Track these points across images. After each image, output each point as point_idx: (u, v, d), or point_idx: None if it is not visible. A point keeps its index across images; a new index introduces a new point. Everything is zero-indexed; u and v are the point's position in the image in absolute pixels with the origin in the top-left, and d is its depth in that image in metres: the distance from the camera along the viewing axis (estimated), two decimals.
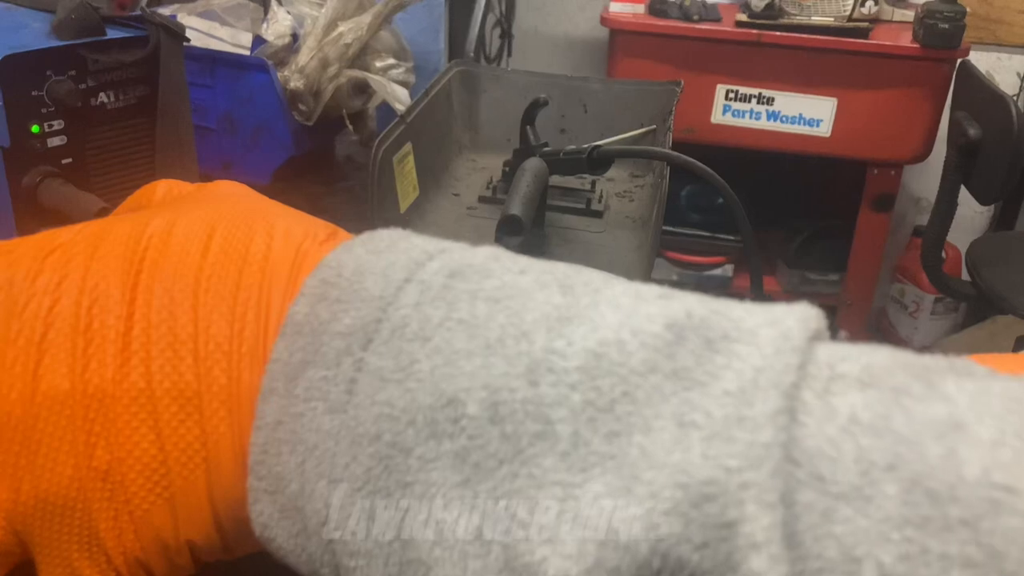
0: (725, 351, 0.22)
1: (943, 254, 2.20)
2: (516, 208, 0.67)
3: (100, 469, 0.25)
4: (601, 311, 0.23)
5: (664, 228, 2.27)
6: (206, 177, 0.80)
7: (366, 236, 0.28)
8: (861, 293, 2.27)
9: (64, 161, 0.64)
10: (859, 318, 2.31)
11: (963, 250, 2.04)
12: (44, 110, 0.62)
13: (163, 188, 0.33)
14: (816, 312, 0.23)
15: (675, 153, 0.73)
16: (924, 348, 2.53)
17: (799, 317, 0.22)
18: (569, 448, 0.21)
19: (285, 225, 0.29)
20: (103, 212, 0.60)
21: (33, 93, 0.61)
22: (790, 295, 2.33)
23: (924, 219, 2.12)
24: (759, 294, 0.73)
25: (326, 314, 0.25)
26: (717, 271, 2.33)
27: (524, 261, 0.26)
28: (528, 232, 0.68)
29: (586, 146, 0.78)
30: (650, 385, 0.21)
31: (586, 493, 0.21)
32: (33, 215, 0.62)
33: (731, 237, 2.28)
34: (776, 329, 0.22)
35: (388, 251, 0.27)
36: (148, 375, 0.26)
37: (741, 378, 0.21)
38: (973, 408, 0.20)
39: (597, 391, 0.22)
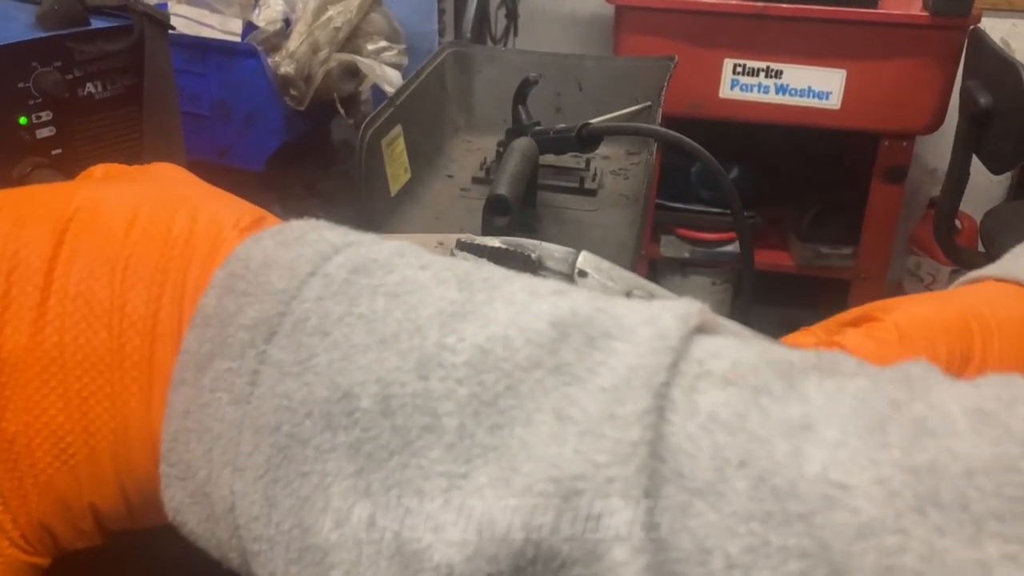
0: (604, 348, 0.22)
1: (958, 224, 2.17)
2: (503, 188, 0.67)
3: (8, 431, 0.26)
4: (495, 307, 0.24)
5: (675, 205, 2.27)
6: (201, 164, 0.81)
7: (277, 228, 0.28)
8: (875, 266, 2.25)
9: (54, 152, 0.64)
10: (874, 291, 2.29)
11: (979, 220, 2.02)
12: (31, 102, 0.62)
13: (100, 171, 0.34)
14: (698, 307, 0.24)
15: (663, 129, 0.73)
16: None
17: (678, 314, 0.23)
18: (455, 440, 0.22)
19: (210, 210, 0.29)
20: None
21: (20, 85, 0.61)
22: (803, 269, 2.32)
23: (939, 190, 2.09)
24: (749, 268, 0.73)
25: (232, 307, 0.26)
26: (728, 248, 2.32)
27: (428, 257, 0.27)
28: (516, 212, 0.68)
29: (575, 124, 0.78)
30: (533, 380, 0.22)
31: (470, 483, 0.22)
32: None
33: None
34: (654, 327, 0.23)
35: (296, 243, 0.27)
36: (61, 344, 0.26)
37: (615, 375, 0.22)
38: (825, 408, 0.21)
39: (482, 385, 0.22)
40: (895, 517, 0.19)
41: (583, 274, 0.33)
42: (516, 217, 0.68)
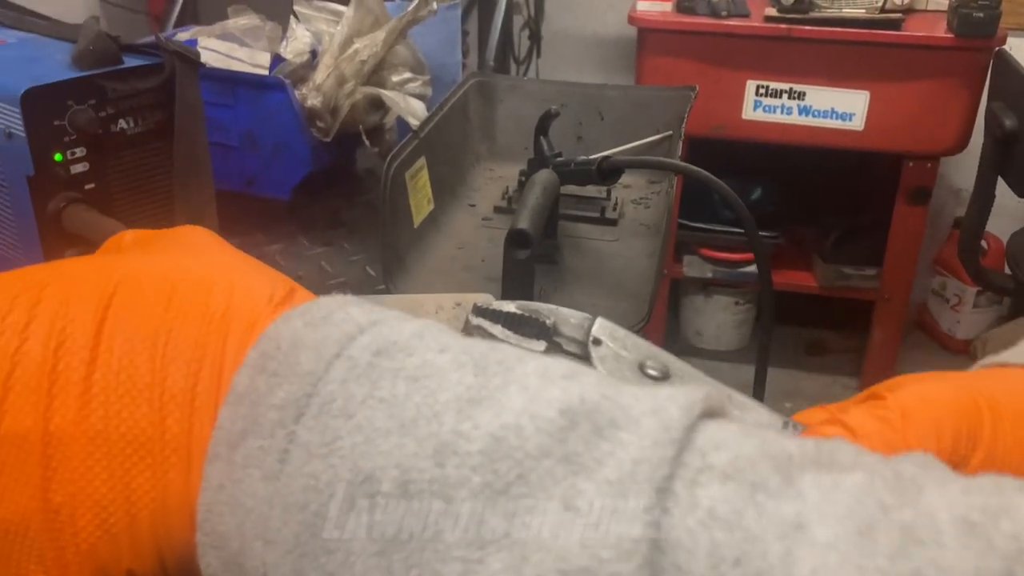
0: (611, 438, 0.24)
1: (985, 245, 2.16)
2: (524, 222, 0.68)
3: (54, 502, 0.27)
4: (509, 392, 0.25)
5: (697, 225, 2.27)
6: (229, 194, 0.82)
7: (306, 307, 0.30)
8: (899, 287, 2.24)
9: (87, 187, 0.66)
10: (898, 313, 2.28)
11: (1006, 241, 2.00)
12: (66, 138, 0.64)
13: (129, 237, 0.35)
14: (704, 393, 0.25)
15: (681, 163, 0.73)
16: (967, 342, 2.47)
17: (683, 404, 0.24)
18: (469, 526, 0.23)
19: (245, 283, 0.30)
20: None
21: (55, 123, 0.63)
22: (827, 290, 2.31)
23: (964, 210, 2.08)
24: (768, 291, 0.73)
25: (264, 386, 0.27)
26: (751, 268, 2.31)
27: (446, 339, 0.28)
28: (536, 245, 0.69)
29: (595, 157, 0.78)
30: (543, 469, 0.24)
31: (485, 568, 0.23)
32: (58, 240, 0.65)
33: (765, 234, 2.26)
34: (658, 419, 0.24)
35: (324, 323, 0.28)
36: (106, 419, 0.28)
37: (620, 468, 0.23)
38: (819, 507, 0.22)
39: (495, 474, 0.24)
40: None
41: (597, 342, 0.33)
42: (536, 249, 0.70)
